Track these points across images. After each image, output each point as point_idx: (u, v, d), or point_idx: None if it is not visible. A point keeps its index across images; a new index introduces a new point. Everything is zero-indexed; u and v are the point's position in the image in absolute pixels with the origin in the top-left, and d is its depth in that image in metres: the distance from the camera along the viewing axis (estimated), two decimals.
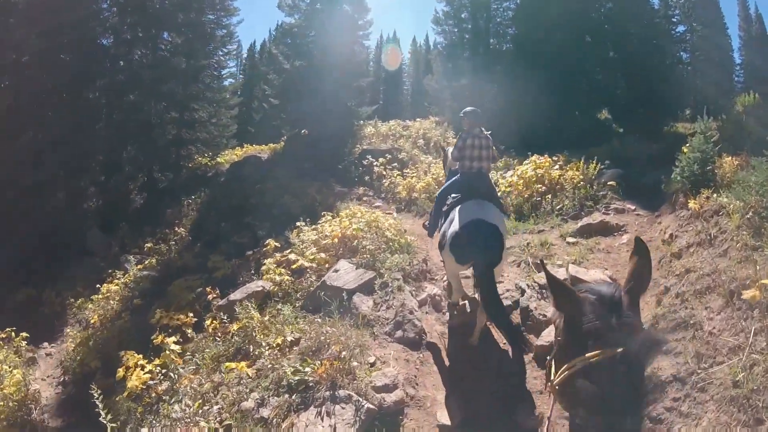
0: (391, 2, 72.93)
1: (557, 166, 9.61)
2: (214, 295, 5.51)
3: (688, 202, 5.88)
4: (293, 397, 3.32)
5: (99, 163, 13.43)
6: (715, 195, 5.64)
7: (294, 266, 5.49)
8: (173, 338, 4.65)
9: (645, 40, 16.93)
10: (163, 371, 4.40)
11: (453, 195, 4.60)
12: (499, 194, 8.73)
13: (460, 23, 19.27)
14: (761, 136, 6.61)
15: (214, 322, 4.85)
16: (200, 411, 3.36)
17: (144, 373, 4.46)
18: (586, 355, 1.12)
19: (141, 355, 4.71)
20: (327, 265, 5.61)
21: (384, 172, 12.46)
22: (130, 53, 14.27)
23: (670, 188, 7.18)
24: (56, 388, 6.96)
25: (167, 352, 4.51)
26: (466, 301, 4.98)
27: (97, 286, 8.62)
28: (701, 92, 23.47)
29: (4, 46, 11.29)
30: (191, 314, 5.48)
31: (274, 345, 4.01)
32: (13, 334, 7.00)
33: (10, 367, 5.83)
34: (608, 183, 8.85)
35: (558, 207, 8.35)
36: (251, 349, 4.22)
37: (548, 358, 1.44)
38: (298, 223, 7.19)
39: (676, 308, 4.05)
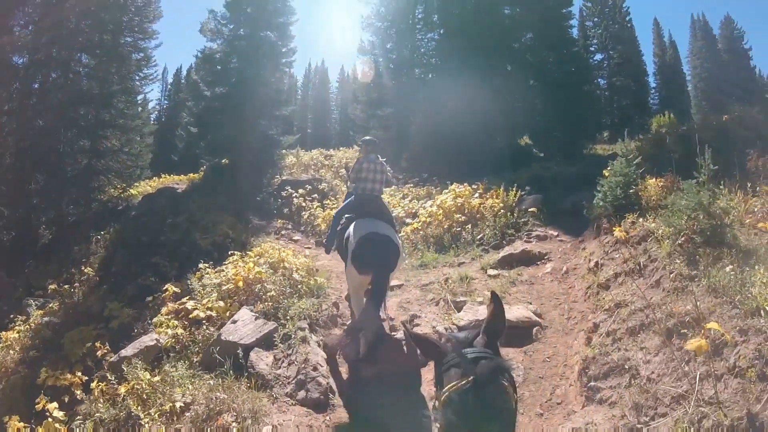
0: (320, 32, 73.66)
1: (477, 195, 9.76)
2: (104, 351, 5.14)
3: (613, 228, 5.79)
4: None
5: (2, 195, 12.29)
6: (641, 219, 5.66)
7: (191, 316, 5.18)
8: (54, 404, 4.26)
9: (564, 68, 18.08)
10: None
11: (347, 215, 5.07)
12: (417, 225, 8.97)
13: (385, 53, 19.75)
14: (684, 155, 6.48)
15: (101, 384, 4.50)
16: None
17: None
18: (447, 387, 1.33)
19: (22, 423, 4.28)
20: (229, 313, 5.33)
21: (303, 204, 12.36)
22: (41, 75, 13.30)
23: (593, 213, 7.21)
24: None
25: (50, 420, 4.14)
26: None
27: None
28: (617, 115, 25.56)
29: None
30: (80, 372, 5.08)
31: (164, 411, 3.78)
32: None
33: None
34: (529, 209, 9.01)
35: (479, 237, 8.42)
36: (141, 416, 3.94)
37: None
38: (201, 265, 6.78)
39: (608, 349, 3.88)
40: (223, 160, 15.47)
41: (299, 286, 5.93)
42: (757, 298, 3.11)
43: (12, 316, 8.18)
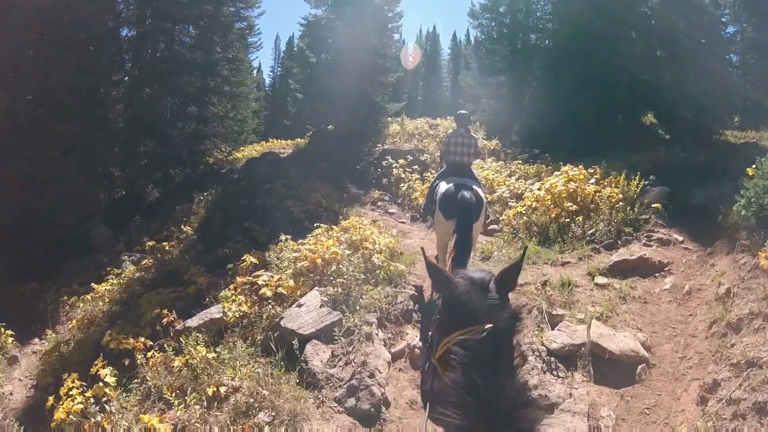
0: None
1: (592, 180, 8.23)
2: (171, 318, 4.91)
3: (756, 249, 4.61)
4: None
5: (115, 156, 13.25)
6: None
7: (260, 293, 4.74)
8: (106, 370, 4.06)
9: (694, 40, 15.27)
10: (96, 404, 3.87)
11: (437, 180, 5.46)
12: (521, 209, 7.95)
13: (497, 17, 18.10)
14: None
15: (157, 354, 4.24)
16: None
17: (75, 404, 3.92)
18: (460, 331, 1.23)
19: (80, 382, 4.19)
20: (300, 293, 4.81)
21: (403, 175, 11.70)
22: (146, 46, 13.97)
23: (729, 220, 5.90)
24: (29, 390, 6.67)
25: (100, 384, 3.96)
26: None
27: (93, 285, 8.30)
28: (751, 98, 21.49)
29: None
30: (147, 336, 4.91)
31: (203, 396, 3.36)
32: (1, 329, 6.71)
33: None
34: (652, 205, 7.48)
35: (590, 232, 7.05)
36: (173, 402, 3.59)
37: (429, 334, 1.55)
38: (282, 237, 6.33)
39: (725, 425, 3.00)
40: (329, 126, 15.37)
41: (377, 272, 5.26)
42: None
43: (108, 269, 8.57)
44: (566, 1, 15.90)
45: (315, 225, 6.81)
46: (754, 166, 5.52)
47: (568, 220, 7.36)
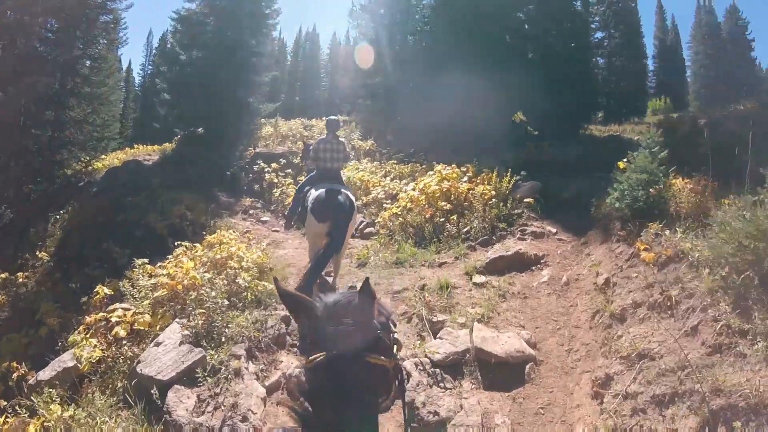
0: None
1: (465, 178, 8.59)
2: (21, 372, 4.38)
3: (632, 239, 4.80)
4: None
5: None
6: (667, 232, 4.52)
7: (112, 333, 4.33)
8: None
9: (564, 43, 16.82)
10: None
11: (308, 187, 5.59)
12: (396, 210, 8.27)
13: (376, 17, 18.35)
14: (725, 153, 5.28)
15: (9, 420, 3.77)
16: None
17: None
18: (308, 359, 1.16)
19: None
20: (159, 326, 4.44)
21: (275, 180, 11.53)
22: (2, 41, 12.09)
23: (601, 212, 6.24)
24: None
25: None
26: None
27: None
28: (614, 96, 24.59)
29: None
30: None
31: None
32: None
33: None
34: (525, 200, 7.93)
35: (465, 230, 7.31)
36: None
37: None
38: (138, 261, 5.83)
39: (626, 422, 2.92)
40: (198, 130, 14.55)
41: (244, 294, 5.05)
42: None
43: None
44: (445, 4, 16.52)
45: (176, 244, 6.44)
46: (625, 159, 5.82)
47: (443, 219, 7.65)
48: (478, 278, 5.81)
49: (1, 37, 12.36)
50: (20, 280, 8.23)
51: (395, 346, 1.30)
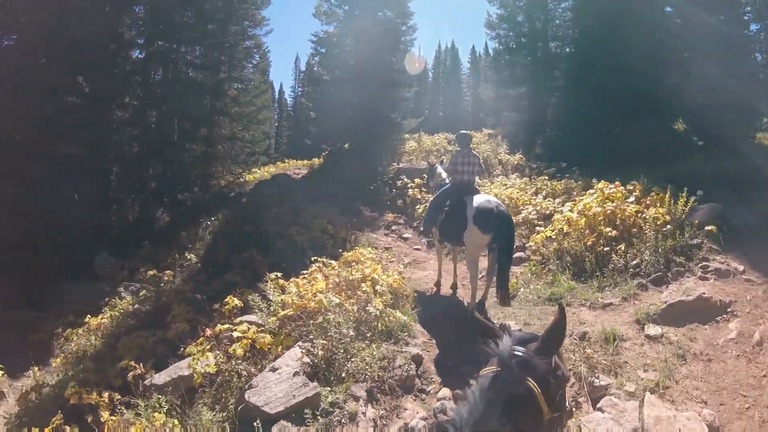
0: (448, 12, 70.67)
1: (632, 198, 7.06)
2: (140, 371, 4.31)
3: None
4: None
5: (124, 180, 13.03)
6: None
7: (230, 350, 3.93)
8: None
9: (720, 38, 14.08)
10: None
11: (451, 199, 5.74)
12: (551, 233, 7.35)
13: (515, 26, 17.39)
14: None
15: (113, 418, 3.67)
16: None
17: None
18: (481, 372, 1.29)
19: None
20: (281, 348, 3.98)
21: (419, 196, 11.00)
22: (152, 68, 13.79)
23: None
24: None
25: None
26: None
27: (88, 317, 7.84)
28: None
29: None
30: (114, 391, 4.33)
31: None
32: None
33: None
34: (705, 227, 6.27)
35: (634, 263, 5.95)
36: None
37: None
38: (274, 274, 5.43)
39: None
40: (345, 145, 14.98)
41: (374, 323, 4.43)
42: None
43: (107, 299, 8.05)
44: (585, 5, 15.14)
45: (312, 259, 6.11)
46: None
47: (607, 248, 6.28)
48: (652, 329, 4.66)
49: (150, 64, 13.92)
50: (166, 278, 8.80)
51: (560, 403, 1.32)
